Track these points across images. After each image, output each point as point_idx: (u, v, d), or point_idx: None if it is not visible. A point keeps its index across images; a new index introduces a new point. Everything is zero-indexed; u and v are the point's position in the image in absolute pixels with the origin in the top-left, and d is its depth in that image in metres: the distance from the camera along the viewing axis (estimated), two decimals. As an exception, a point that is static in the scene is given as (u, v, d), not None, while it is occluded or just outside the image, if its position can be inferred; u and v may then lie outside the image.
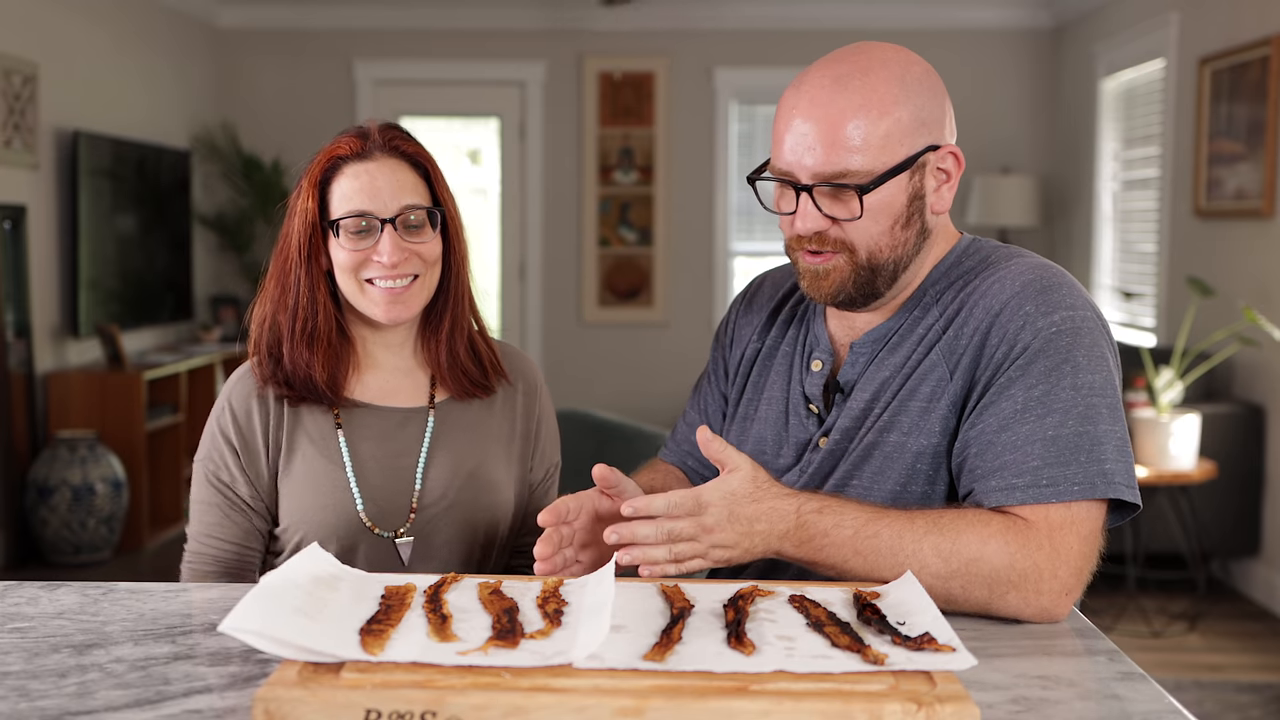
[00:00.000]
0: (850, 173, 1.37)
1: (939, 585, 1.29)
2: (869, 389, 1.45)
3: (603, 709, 0.95)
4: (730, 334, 1.67)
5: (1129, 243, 6.10)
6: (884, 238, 1.41)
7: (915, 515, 1.32)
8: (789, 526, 1.30)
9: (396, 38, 7.07)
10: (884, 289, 1.45)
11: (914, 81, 1.41)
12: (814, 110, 1.38)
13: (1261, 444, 4.65)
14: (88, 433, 5.03)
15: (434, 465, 1.64)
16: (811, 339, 1.55)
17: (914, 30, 6.89)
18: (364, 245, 1.56)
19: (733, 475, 1.30)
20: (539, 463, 1.74)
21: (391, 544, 1.61)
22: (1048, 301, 1.38)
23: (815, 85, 1.39)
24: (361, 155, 1.58)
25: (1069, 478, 1.31)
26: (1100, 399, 1.35)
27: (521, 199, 7.19)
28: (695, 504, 1.28)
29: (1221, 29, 5.04)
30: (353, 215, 1.56)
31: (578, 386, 7.10)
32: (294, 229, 1.59)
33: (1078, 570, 1.31)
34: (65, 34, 5.44)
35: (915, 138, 1.40)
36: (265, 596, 1.10)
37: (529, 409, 1.73)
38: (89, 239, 5.46)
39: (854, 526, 1.30)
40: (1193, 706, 3.52)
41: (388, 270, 1.56)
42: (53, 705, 1.04)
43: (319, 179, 1.59)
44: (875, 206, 1.39)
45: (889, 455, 1.42)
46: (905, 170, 1.39)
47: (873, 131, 1.37)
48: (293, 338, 1.60)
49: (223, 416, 1.63)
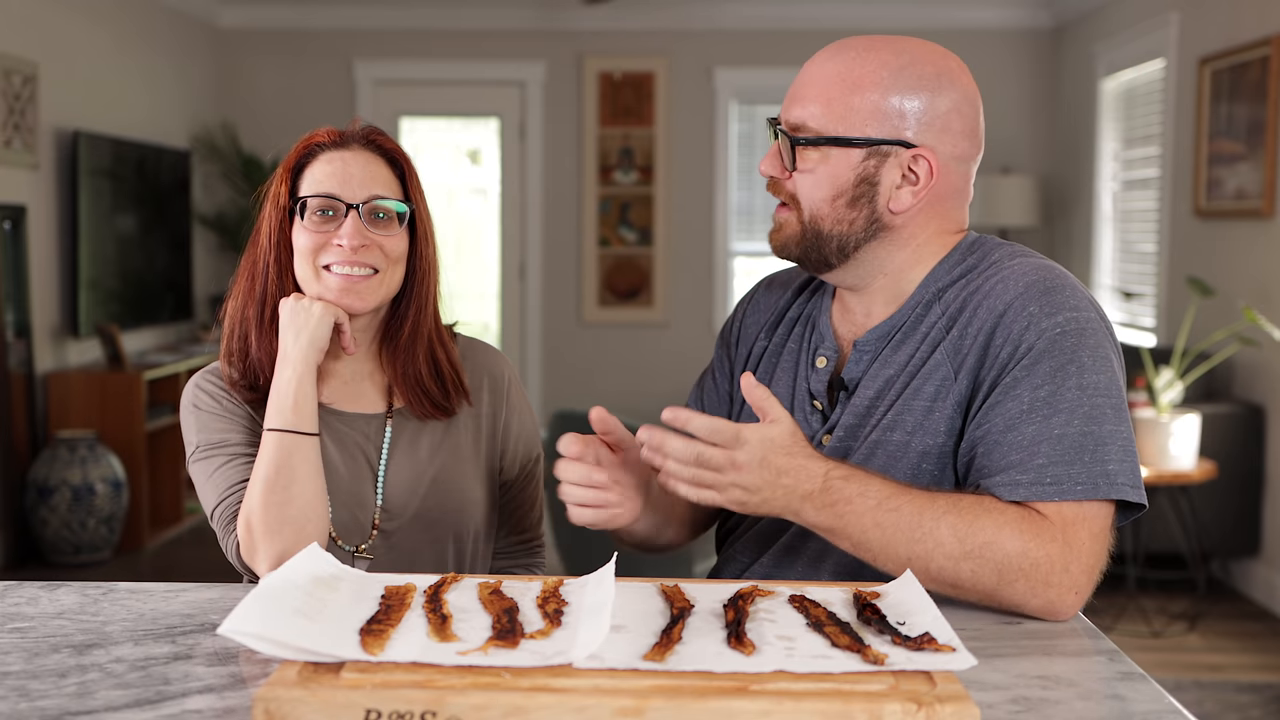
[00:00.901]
0: (805, 128, 1.43)
1: (950, 566, 1.29)
2: (873, 386, 1.45)
3: (603, 709, 0.95)
4: (736, 333, 1.67)
5: (1129, 243, 6.10)
6: (825, 205, 1.44)
7: (937, 496, 1.32)
8: (814, 488, 1.31)
9: (396, 38, 7.08)
10: (835, 261, 1.46)
11: (914, 77, 1.41)
12: (810, 68, 1.45)
13: (1261, 444, 4.65)
14: (88, 433, 5.03)
15: (394, 474, 1.60)
16: (816, 336, 1.55)
17: (915, 31, 6.88)
18: (326, 229, 1.53)
19: (774, 425, 1.32)
20: (511, 461, 1.68)
21: (350, 559, 1.57)
22: (1052, 302, 1.38)
23: (830, 51, 1.46)
24: (338, 144, 1.56)
25: (1073, 477, 1.32)
26: (1105, 399, 1.35)
27: (521, 199, 7.19)
28: (733, 437, 1.30)
29: (1221, 29, 5.04)
30: (319, 196, 1.53)
31: (578, 386, 7.10)
32: (265, 215, 1.57)
33: (1089, 568, 1.31)
34: (65, 34, 5.44)
35: (883, 124, 1.41)
36: (265, 598, 1.10)
37: (495, 406, 1.68)
38: (89, 239, 5.46)
39: (877, 498, 1.30)
40: (1193, 706, 3.52)
41: (347, 255, 1.52)
42: (53, 705, 1.04)
43: (293, 165, 1.57)
44: (817, 170, 1.43)
45: (893, 454, 1.42)
46: (857, 148, 1.41)
47: (841, 98, 1.41)
48: (260, 327, 1.57)
49: (197, 397, 1.60)
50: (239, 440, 1.58)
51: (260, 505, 1.48)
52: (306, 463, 1.50)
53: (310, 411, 1.52)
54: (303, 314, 1.53)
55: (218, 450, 1.57)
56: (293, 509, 1.48)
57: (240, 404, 1.59)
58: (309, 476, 1.50)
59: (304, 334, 1.52)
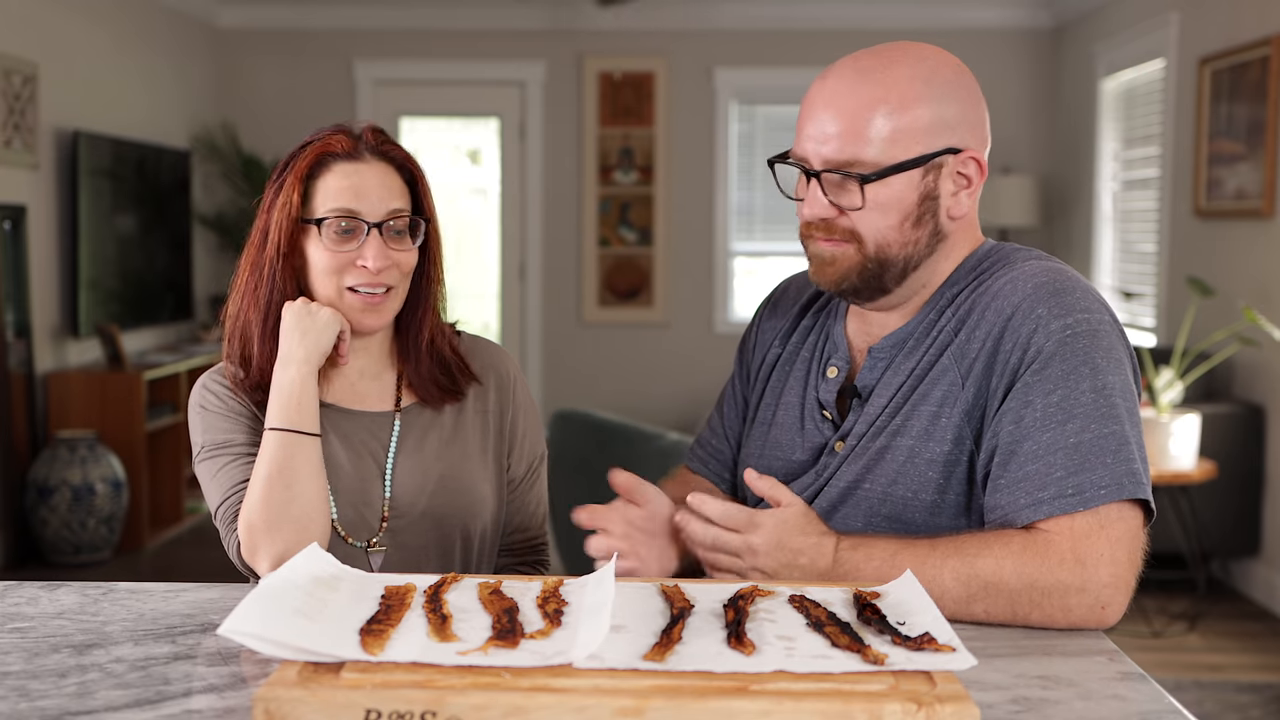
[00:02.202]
0: (858, 162, 1.38)
1: (963, 609, 1.29)
2: (886, 394, 1.44)
3: (603, 709, 0.95)
4: (754, 339, 1.66)
5: (1129, 243, 6.10)
6: (893, 233, 1.40)
7: (938, 542, 1.32)
8: (827, 565, 1.33)
9: (396, 38, 7.08)
10: (892, 286, 1.44)
11: (941, 83, 1.40)
12: (834, 99, 1.39)
13: (1261, 444, 4.65)
14: (88, 433, 5.03)
15: (401, 472, 1.60)
16: (830, 345, 1.54)
17: (914, 30, 6.89)
18: (347, 248, 1.53)
19: (788, 509, 1.35)
20: (518, 459, 1.69)
21: (364, 554, 1.57)
22: (1061, 304, 1.36)
23: (840, 75, 1.41)
24: (352, 155, 1.55)
25: (1095, 483, 1.30)
26: (1121, 400, 1.33)
27: (521, 199, 7.19)
28: (748, 522, 1.34)
29: (1221, 29, 5.04)
30: (339, 214, 1.53)
31: (578, 386, 7.10)
32: (274, 222, 1.55)
33: (1112, 578, 1.28)
34: (65, 34, 5.44)
35: (933, 138, 1.39)
36: (265, 598, 1.10)
37: (502, 405, 1.68)
38: (89, 239, 5.46)
39: (881, 558, 1.32)
40: (1193, 706, 3.52)
41: (370, 278, 1.53)
42: (53, 705, 1.04)
43: (305, 174, 1.55)
44: (881, 199, 1.39)
45: (900, 461, 1.40)
46: (917, 168, 1.39)
47: (886, 124, 1.37)
48: (264, 332, 1.56)
49: (204, 397, 1.60)
50: (243, 441, 1.58)
51: (261, 504, 1.49)
52: (308, 462, 1.51)
53: (312, 412, 1.53)
54: (308, 318, 1.53)
55: (222, 450, 1.58)
56: (294, 508, 1.49)
57: (245, 404, 1.59)
58: (310, 476, 1.51)
59: (308, 338, 1.53)
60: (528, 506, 1.70)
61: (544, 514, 1.74)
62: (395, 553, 1.59)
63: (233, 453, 1.57)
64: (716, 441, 1.67)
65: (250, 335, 1.58)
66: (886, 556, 1.31)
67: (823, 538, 1.34)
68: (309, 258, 1.56)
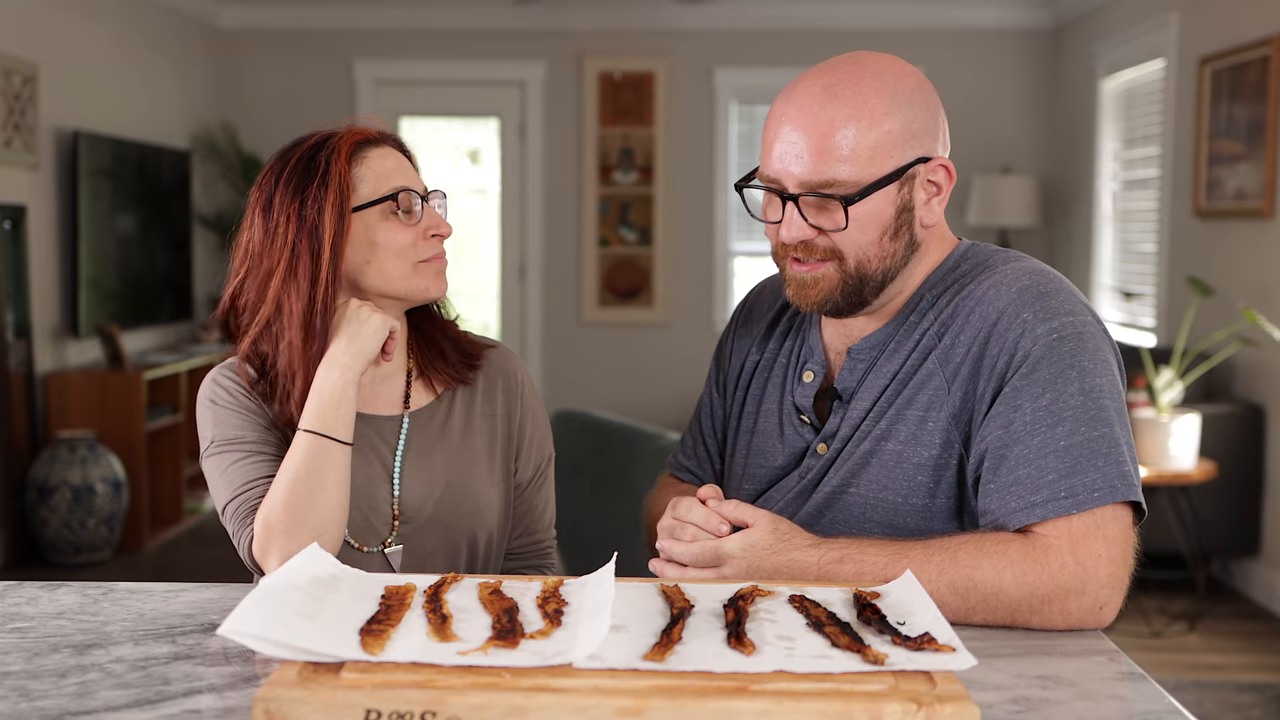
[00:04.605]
0: (837, 182, 1.36)
1: (962, 617, 1.29)
2: (868, 396, 1.44)
3: (603, 709, 0.95)
4: (729, 347, 1.66)
5: (1129, 243, 6.10)
6: (872, 248, 1.40)
7: (933, 551, 1.30)
8: (810, 578, 1.32)
9: (396, 38, 7.08)
10: (871, 298, 1.44)
11: (906, 93, 1.39)
12: (803, 119, 1.37)
13: (1261, 444, 4.65)
14: (88, 433, 5.03)
15: (409, 477, 1.59)
16: (805, 350, 1.54)
17: (914, 30, 6.89)
18: (419, 223, 1.55)
19: (754, 530, 1.34)
20: (525, 462, 1.68)
21: (380, 557, 1.56)
22: (1046, 308, 1.36)
23: (806, 94, 1.38)
24: (376, 141, 1.58)
25: (1087, 485, 1.30)
26: (1110, 403, 1.33)
27: (521, 199, 7.19)
28: (714, 557, 1.34)
29: (1221, 29, 5.04)
30: (400, 190, 1.54)
31: (578, 386, 7.10)
32: (325, 219, 1.51)
33: (1110, 578, 1.29)
34: (65, 34, 5.44)
35: (905, 149, 1.38)
36: (265, 598, 1.10)
37: (509, 407, 1.67)
38: (89, 239, 5.46)
39: (874, 573, 1.30)
40: (1193, 706, 3.52)
41: (439, 246, 1.56)
42: (53, 705, 1.04)
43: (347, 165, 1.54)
44: (862, 217, 1.38)
45: (887, 465, 1.40)
46: (893, 182, 1.38)
47: (861, 142, 1.36)
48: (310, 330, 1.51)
49: (214, 392, 1.58)
50: (255, 438, 1.56)
51: (283, 505, 1.46)
52: (336, 469, 1.48)
53: (348, 420, 1.50)
54: (358, 322, 1.51)
55: (233, 446, 1.55)
56: (315, 514, 1.46)
57: (257, 401, 1.58)
58: (337, 484, 1.48)
59: (356, 342, 1.50)
60: (534, 510, 1.69)
61: (551, 518, 1.72)
62: (403, 557, 1.59)
63: (244, 449, 1.55)
64: (699, 448, 1.68)
65: (286, 333, 1.53)
66: (878, 570, 1.30)
67: (799, 553, 1.32)
68: (379, 241, 1.53)
